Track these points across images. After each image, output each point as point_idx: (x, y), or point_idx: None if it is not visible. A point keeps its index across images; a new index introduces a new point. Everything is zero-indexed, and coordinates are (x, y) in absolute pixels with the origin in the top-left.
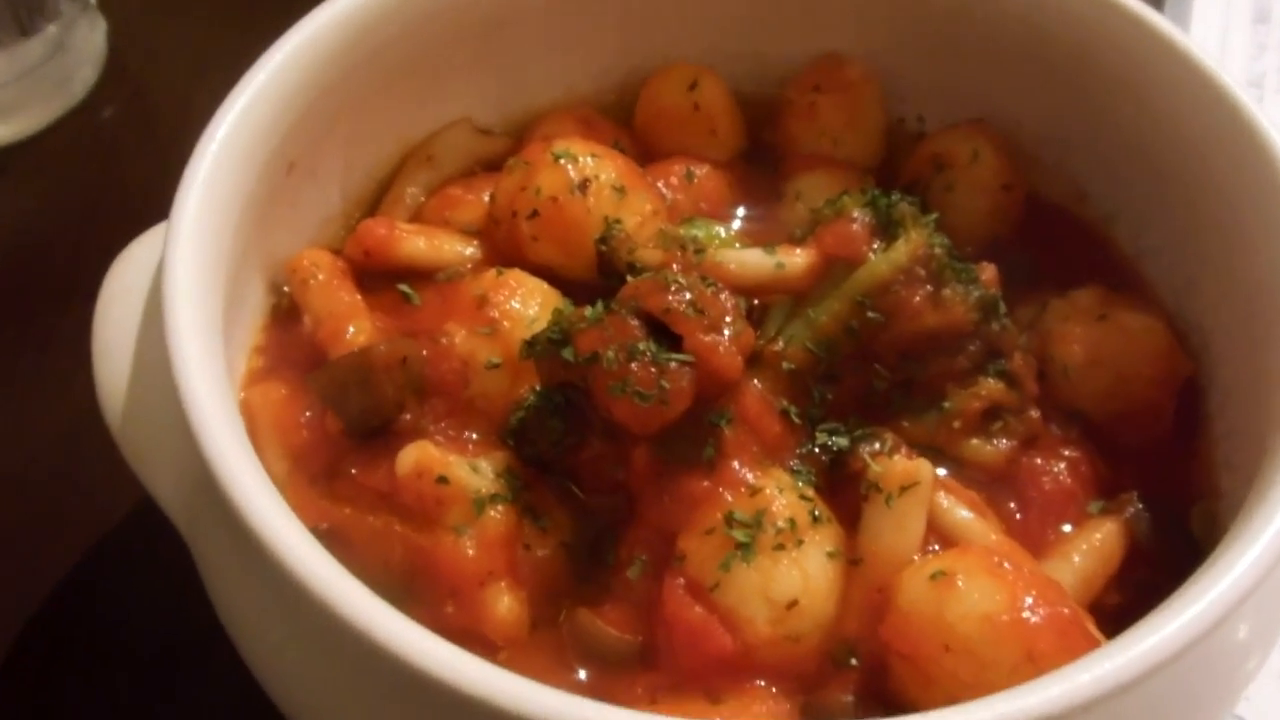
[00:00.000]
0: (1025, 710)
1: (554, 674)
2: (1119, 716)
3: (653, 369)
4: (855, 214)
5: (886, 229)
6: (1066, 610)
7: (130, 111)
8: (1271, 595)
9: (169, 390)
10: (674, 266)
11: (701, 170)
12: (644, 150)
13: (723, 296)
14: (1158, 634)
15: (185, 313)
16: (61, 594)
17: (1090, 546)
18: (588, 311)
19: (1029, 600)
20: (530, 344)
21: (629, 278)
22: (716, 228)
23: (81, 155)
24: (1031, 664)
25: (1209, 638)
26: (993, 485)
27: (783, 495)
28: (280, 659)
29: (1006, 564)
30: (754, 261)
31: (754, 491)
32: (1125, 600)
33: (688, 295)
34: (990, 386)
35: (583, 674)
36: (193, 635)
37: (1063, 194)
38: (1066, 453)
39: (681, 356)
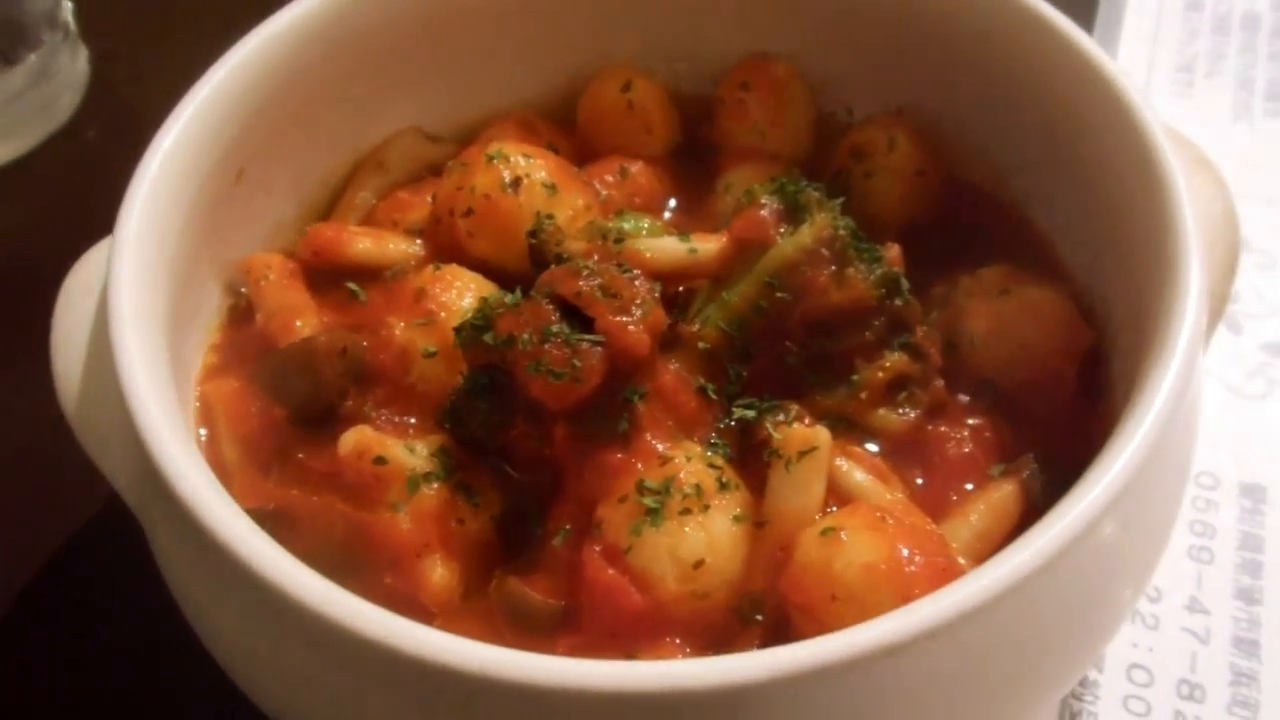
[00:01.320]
0: (891, 631)
1: (484, 637)
2: (988, 634)
3: (565, 348)
4: (764, 200)
5: (794, 214)
6: (942, 559)
7: (113, 133)
8: (1130, 517)
9: (116, 382)
10: (594, 256)
11: (635, 166)
12: (586, 150)
13: (637, 282)
14: (1010, 560)
15: (127, 312)
16: (40, 584)
17: (987, 506)
18: (507, 298)
19: (905, 551)
20: (458, 330)
21: (554, 267)
22: (645, 219)
23: (66, 176)
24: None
25: (1060, 561)
26: (900, 452)
27: (690, 463)
28: (225, 632)
29: (889, 519)
30: (668, 247)
31: (664, 461)
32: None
33: (597, 280)
34: (895, 359)
35: (509, 638)
36: (173, 621)
37: (984, 178)
38: (971, 421)
39: (592, 337)
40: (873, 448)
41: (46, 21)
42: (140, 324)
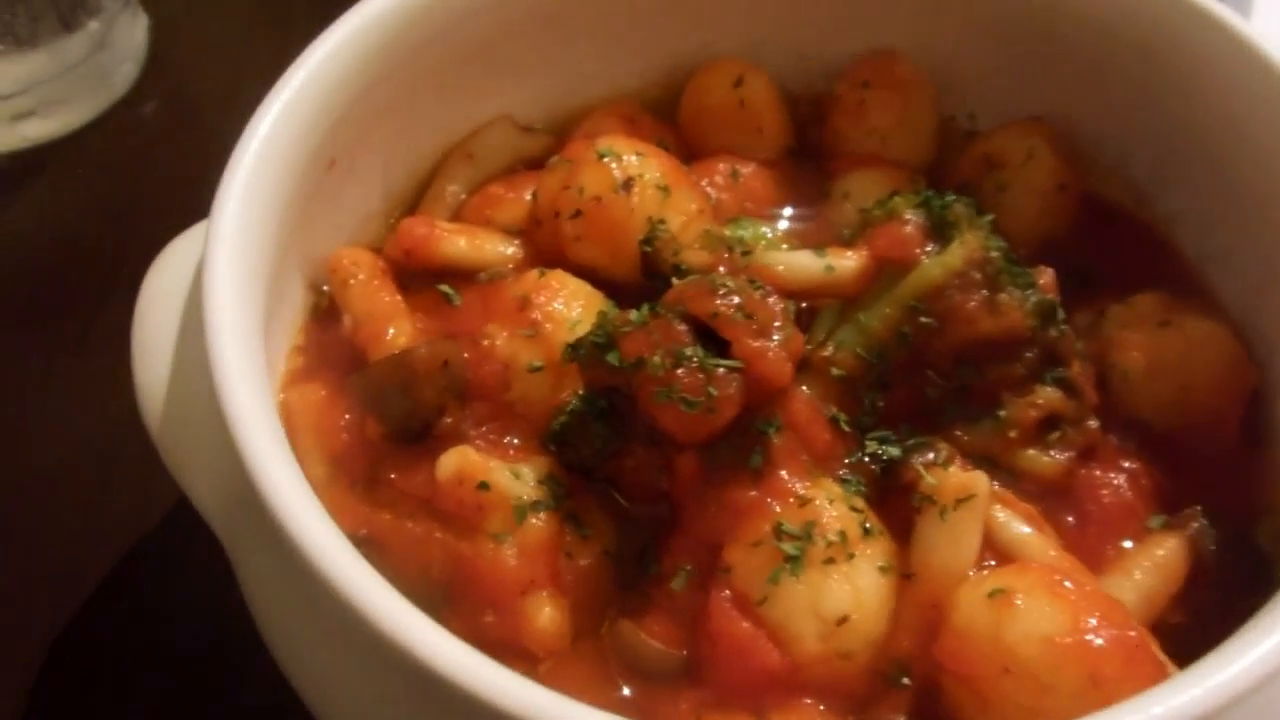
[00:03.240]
0: None
1: (596, 687)
2: None
3: (700, 375)
4: (908, 215)
5: (940, 231)
6: (1133, 633)
7: (171, 107)
8: None
9: (209, 394)
10: (720, 269)
11: (747, 169)
12: (688, 148)
13: (771, 300)
14: (1234, 664)
15: (226, 315)
16: (102, 593)
17: (1152, 563)
18: (633, 315)
19: (1092, 622)
20: (574, 347)
21: (674, 280)
22: (762, 228)
23: (123, 151)
24: (1096, 689)
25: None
26: (1050, 498)
27: (833, 506)
28: (316, 667)
29: (1068, 583)
30: (803, 264)
31: (803, 502)
32: (1189, 620)
33: (736, 299)
34: (1048, 395)
35: (626, 689)
36: (234, 634)
37: (1122, 195)
38: (1126, 464)
39: (729, 363)
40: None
41: None
42: (239, 331)
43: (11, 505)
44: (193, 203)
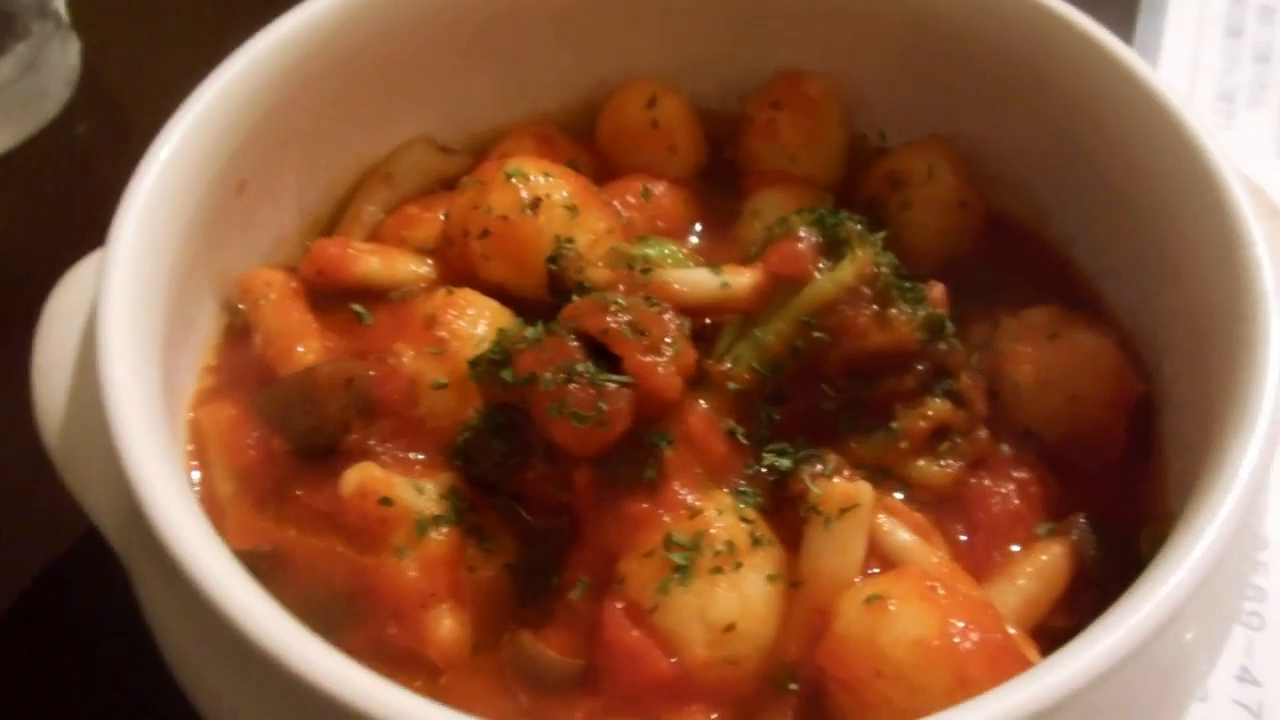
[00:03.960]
0: None
1: (495, 698)
2: None
3: (591, 390)
4: (801, 232)
5: (833, 248)
6: (998, 636)
7: (104, 128)
8: (1207, 606)
9: (102, 414)
10: (620, 286)
11: (659, 188)
12: (605, 167)
13: (666, 317)
14: (1086, 653)
15: (118, 337)
16: (15, 618)
17: (1036, 569)
18: (528, 332)
19: (960, 624)
20: (473, 364)
21: (575, 297)
22: (670, 246)
23: (55, 173)
24: (962, 689)
25: (1140, 655)
26: (941, 506)
27: (722, 517)
28: (210, 686)
29: (940, 588)
30: (699, 280)
31: (693, 514)
32: (1073, 624)
33: (626, 316)
34: (937, 407)
35: (523, 698)
36: (146, 656)
37: (1026, 213)
38: (1016, 474)
39: (619, 378)
40: (900, 497)
41: (36, 10)
42: (132, 354)
43: None
44: None
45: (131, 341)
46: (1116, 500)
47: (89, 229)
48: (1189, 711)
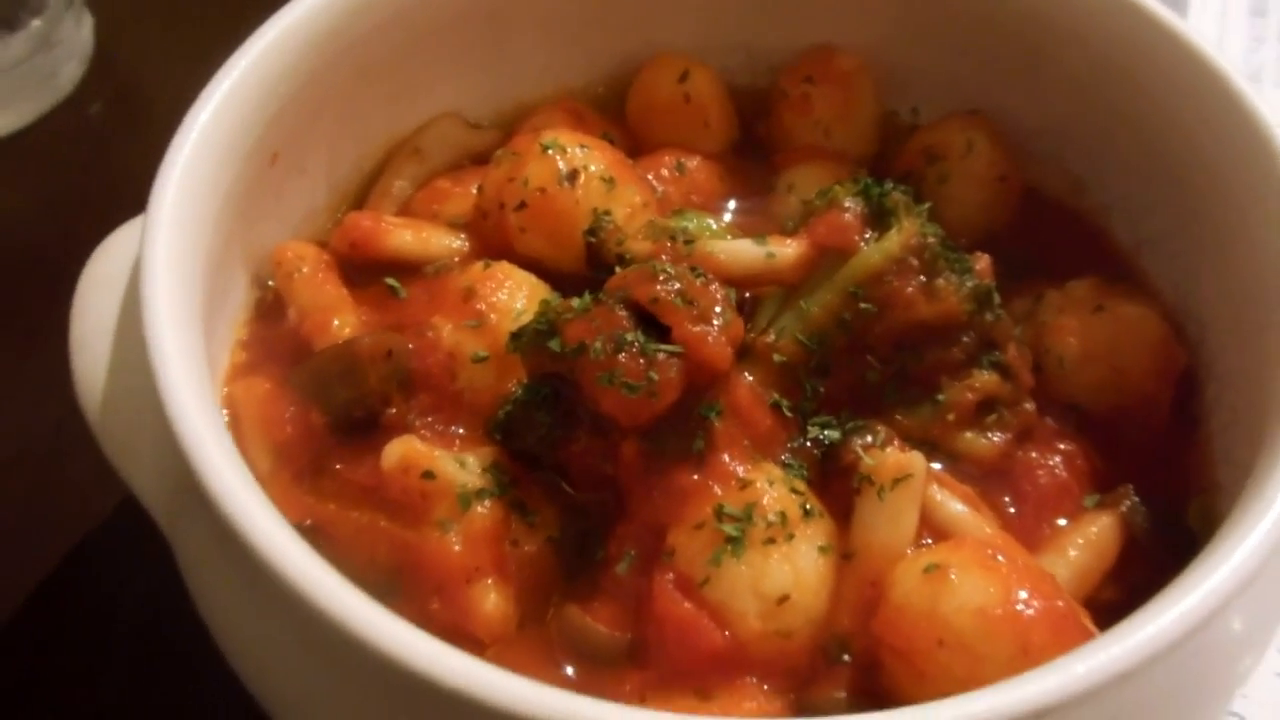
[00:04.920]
0: (1022, 701)
1: (541, 671)
2: (1115, 708)
3: (641, 360)
4: (847, 203)
5: (879, 219)
6: (1061, 603)
7: (118, 106)
8: (1268, 586)
9: (147, 383)
10: (663, 257)
11: (693, 162)
12: (635, 142)
13: (713, 287)
14: (1152, 625)
15: (163, 304)
16: (48, 589)
17: (1086, 541)
18: (575, 302)
19: (1023, 594)
20: (516, 335)
21: (617, 269)
22: (707, 219)
23: (68, 150)
24: (1026, 658)
25: (1205, 629)
26: (987, 479)
27: (773, 488)
28: (261, 655)
29: (1000, 557)
30: (744, 251)
31: (744, 485)
32: (1122, 596)
33: (676, 285)
34: (984, 379)
35: (570, 671)
36: (178, 628)
37: (1059, 185)
38: (1062, 446)
39: (670, 348)
40: (945, 467)
41: None
42: (177, 320)
43: None
44: (139, 199)
45: (176, 310)
46: (1162, 472)
47: (104, 205)
48: None
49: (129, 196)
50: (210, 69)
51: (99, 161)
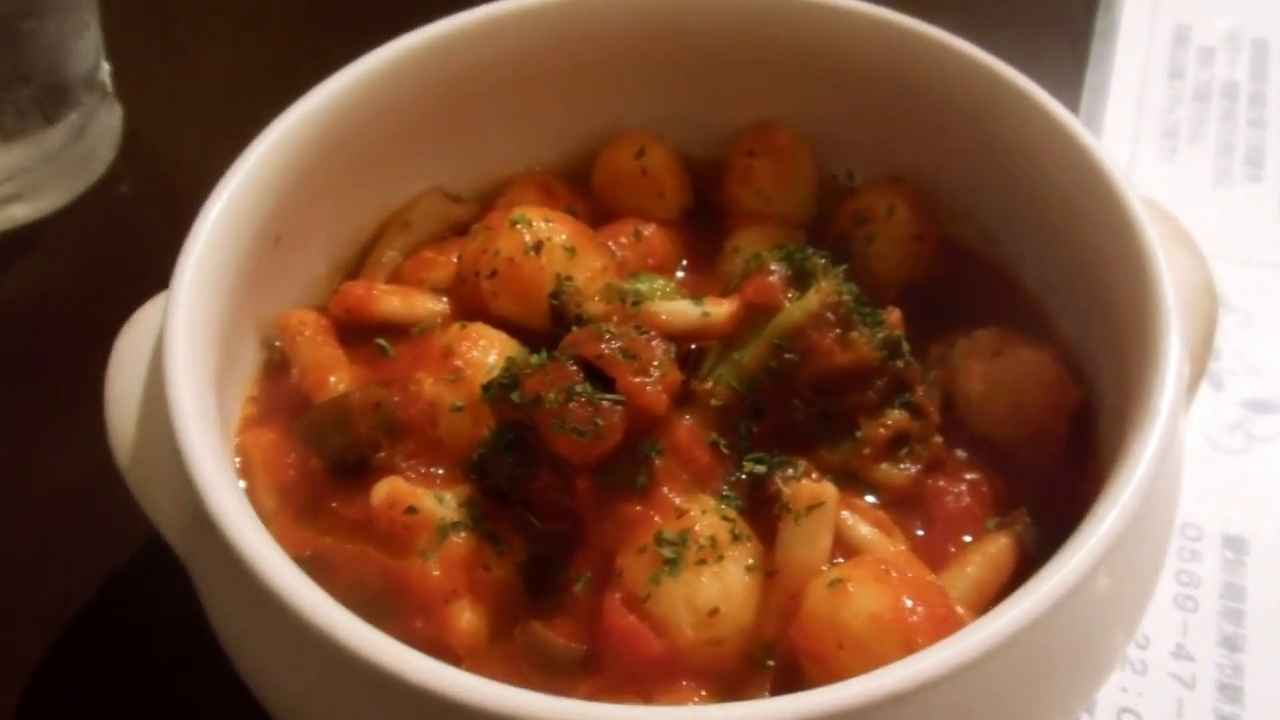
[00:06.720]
0: (905, 678)
1: (509, 680)
2: (987, 683)
3: (589, 408)
4: (773, 266)
5: (801, 279)
6: (943, 610)
7: (145, 188)
8: (1118, 572)
9: (169, 436)
10: (614, 318)
11: (648, 229)
12: (600, 211)
13: (654, 343)
14: (1006, 614)
15: (182, 370)
16: (80, 622)
17: (984, 558)
18: (533, 359)
19: (909, 602)
20: (486, 388)
21: (574, 328)
22: (659, 281)
23: (101, 229)
24: (911, 655)
25: (1055, 615)
26: (901, 505)
27: (705, 516)
28: (267, 667)
29: (893, 571)
30: (683, 311)
31: (680, 514)
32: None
33: (618, 343)
34: (896, 417)
35: (534, 680)
36: (198, 654)
37: (975, 238)
38: (968, 475)
39: (613, 397)
40: (871, 499)
41: (85, 83)
42: (194, 383)
43: (6, 540)
44: (164, 272)
45: (192, 375)
46: (1059, 497)
47: (135, 278)
48: (1131, 683)
49: (155, 269)
50: (227, 155)
51: (128, 237)
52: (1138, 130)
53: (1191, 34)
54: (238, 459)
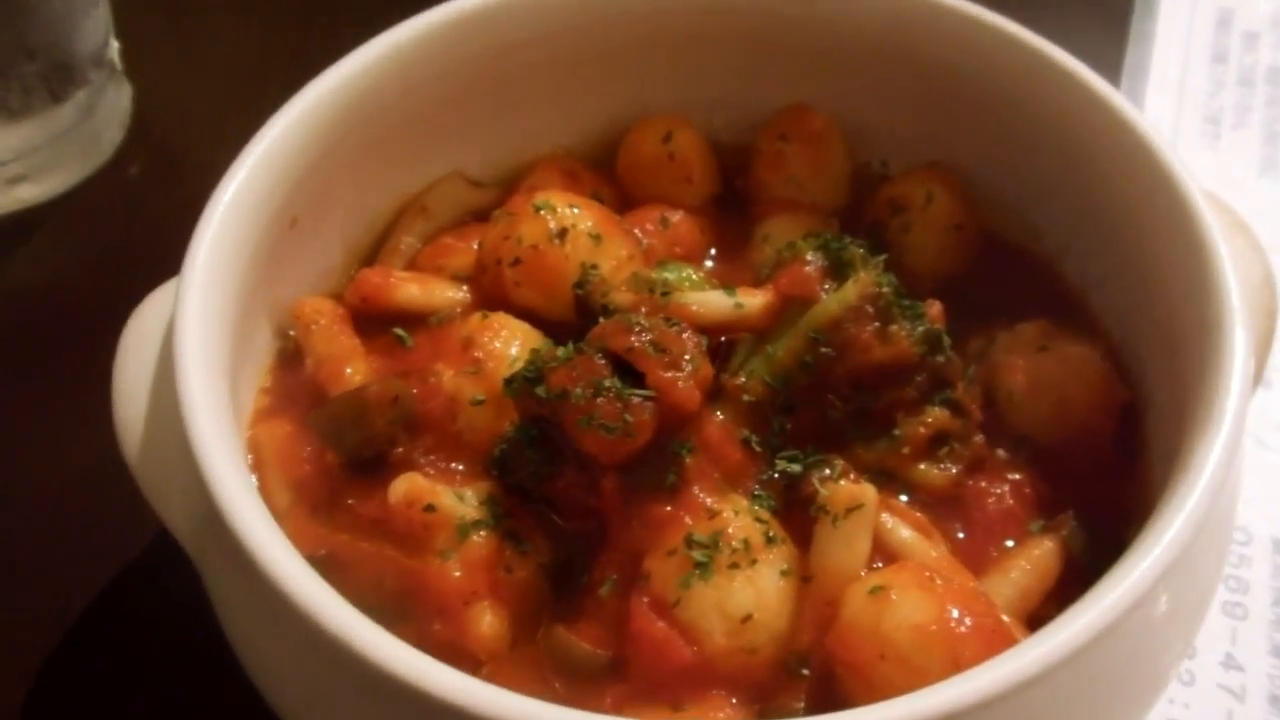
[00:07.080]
0: (955, 698)
1: (531, 686)
2: (1041, 704)
3: (617, 403)
4: (809, 256)
5: (838, 270)
6: (991, 620)
7: (154, 169)
8: (1179, 586)
9: (179, 430)
10: (642, 309)
11: (676, 216)
12: (625, 196)
13: (685, 335)
14: (1064, 630)
15: (193, 361)
16: (91, 610)
17: (1029, 563)
18: (560, 351)
19: (955, 612)
20: (509, 381)
21: (601, 319)
22: (687, 270)
23: (110, 210)
24: (957, 670)
25: (1112, 632)
26: (940, 506)
27: (738, 518)
28: (279, 673)
29: (938, 578)
30: (714, 302)
31: (712, 515)
32: (1061, 613)
33: (648, 335)
34: (936, 414)
35: (557, 686)
36: (206, 653)
37: (1019, 232)
38: (1010, 476)
39: (643, 392)
40: (904, 498)
41: (93, 61)
42: (205, 375)
43: (8, 532)
44: (174, 257)
45: (204, 365)
46: (1105, 499)
47: (145, 263)
48: (1178, 695)
49: (164, 253)
50: (237, 135)
51: (136, 219)
52: (1179, 115)
53: (1234, 17)
54: (250, 453)
